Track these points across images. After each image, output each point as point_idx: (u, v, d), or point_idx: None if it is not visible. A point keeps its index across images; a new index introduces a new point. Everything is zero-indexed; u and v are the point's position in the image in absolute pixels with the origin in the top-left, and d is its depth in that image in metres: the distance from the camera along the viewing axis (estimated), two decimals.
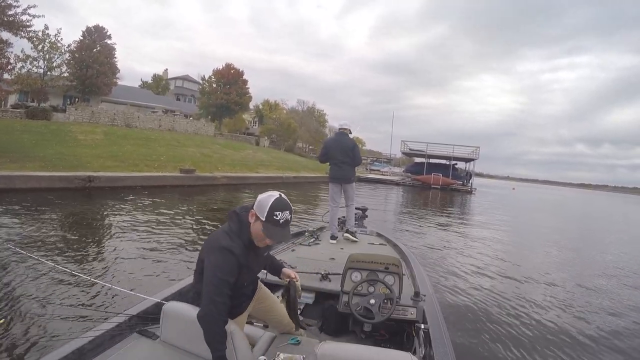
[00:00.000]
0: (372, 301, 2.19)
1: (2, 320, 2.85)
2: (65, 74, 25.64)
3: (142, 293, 2.20)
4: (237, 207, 1.70)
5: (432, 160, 34.18)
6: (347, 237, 4.43)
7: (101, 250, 5.14)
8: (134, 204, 8.97)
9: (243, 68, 35.58)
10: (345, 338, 2.45)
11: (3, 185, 8.51)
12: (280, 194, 1.62)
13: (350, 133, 4.96)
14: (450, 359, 1.80)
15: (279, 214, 1.56)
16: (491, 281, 5.46)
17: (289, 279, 1.96)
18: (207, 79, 35.85)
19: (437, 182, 30.11)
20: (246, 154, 24.15)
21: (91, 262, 4.60)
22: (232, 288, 1.55)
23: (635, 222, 21.75)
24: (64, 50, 24.89)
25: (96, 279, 3.71)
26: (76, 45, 25.71)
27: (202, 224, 7.78)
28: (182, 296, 2.07)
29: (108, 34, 27.39)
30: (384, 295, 2.24)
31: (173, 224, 7.24)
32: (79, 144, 15.09)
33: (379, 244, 4.28)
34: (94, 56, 25.79)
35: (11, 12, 14.03)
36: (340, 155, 4.70)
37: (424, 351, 1.97)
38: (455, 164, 33.74)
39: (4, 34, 14.01)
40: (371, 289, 2.35)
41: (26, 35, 15.03)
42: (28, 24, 14.58)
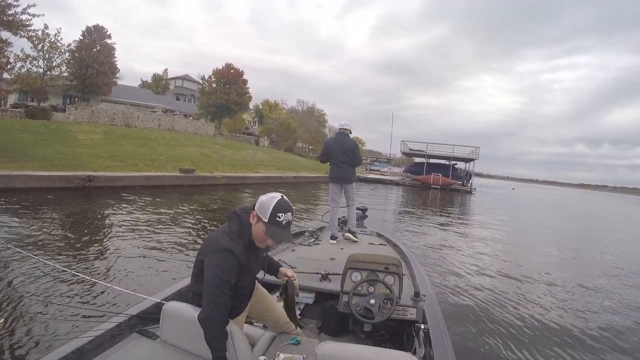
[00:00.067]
0: (372, 301, 2.19)
1: (2, 320, 2.85)
2: (65, 74, 25.66)
3: (142, 293, 2.20)
4: (237, 208, 1.71)
5: (432, 160, 34.20)
6: (349, 237, 4.43)
7: (101, 250, 5.14)
8: (134, 204, 8.96)
9: (243, 68, 35.61)
10: (345, 338, 2.45)
11: (3, 185, 8.51)
12: (282, 196, 1.64)
13: (350, 133, 4.98)
14: (450, 359, 1.80)
15: (281, 216, 1.58)
16: (491, 281, 5.47)
17: (287, 278, 1.96)
18: (207, 78, 35.83)
19: (437, 182, 30.13)
20: (246, 154, 24.14)
21: (91, 262, 4.60)
22: (232, 289, 1.56)
23: (635, 222, 21.77)
24: (63, 50, 24.93)
25: (96, 279, 3.72)
26: (76, 44, 25.72)
27: (202, 224, 7.78)
28: (182, 296, 2.07)
29: (108, 33, 27.44)
30: (384, 296, 2.24)
31: (173, 224, 7.24)
32: (79, 144, 15.08)
33: (379, 244, 4.28)
34: (93, 56, 25.79)
35: (11, 11, 14.02)
36: (340, 156, 4.71)
37: (424, 351, 1.97)
38: (455, 164, 33.78)
39: (3, 34, 13.99)
40: (371, 289, 2.35)
41: (26, 34, 15.00)
42: (28, 23, 14.56)
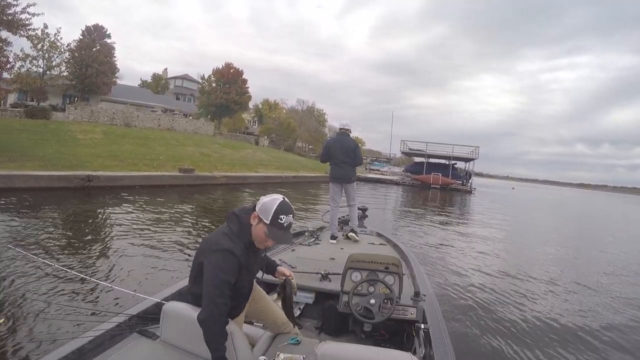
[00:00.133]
0: (372, 301, 2.19)
1: (2, 320, 2.85)
2: (65, 73, 25.65)
3: (142, 293, 2.20)
4: (236, 209, 1.71)
5: (432, 160, 34.19)
6: (352, 236, 4.44)
7: (101, 250, 5.13)
8: (133, 204, 8.96)
9: (243, 67, 35.61)
10: (345, 338, 2.45)
11: (2, 185, 8.49)
12: (283, 198, 1.65)
13: (350, 133, 4.99)
14: (450, 359, 1.80)
15: (283, 218, 1.59)
16: (491, 280, 5.47)
17: (285, 277, 1.96)
18: (206, 78, 35.79)
19: (437, 181, 30.11)
20: (245, 154, 24.13)
21: (91, 261, 4.60)
22: (232, 289, 1.56)
23: (635, 222, 21.79)
24: (63, 50, 24.93)
25: (96, 278, 3.71)
26: (76, 44, 25.71)
27: (202, 224, 7.78)
28: (182, 296, 2.06)
29: (107, 33, 27.43)
30: (384, 295, 2.24)
31: (172, 224, 7.23)
32: (78, 143, 15.07)
33: (379, 244, 4.28)
34: (93, 55, 25.77)
35: (10, 11, 13.99)
36: (341, 155, 4.72)
37: (424, 351, 1.97)
38: (455, 163, 33.76)
39: (3, 33, 13.96)
40: (371, 289, 2.35)
41: (25, 34, 14.97)
42: (27, 22, 14.54)
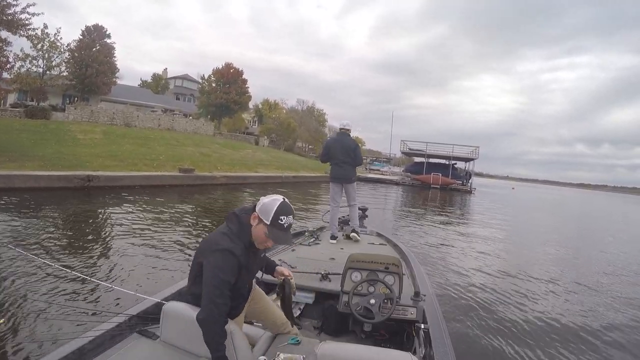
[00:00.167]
0: (372, 301, 2.19)
1: (2, 321, 2.84)
2: (65, 73, 25.63)
3: (142, 293, 2.20)
4: (236, 209, 1.71)
5: (432, 160, 34.20)
6: (354, 236, 4.43)
7: (101, 250, 5.13)
8: (133, 204, 8.96)
9: (243, 67, 35.61)
10: (345, 338, 2.44)
11: (2, 185, 8.49)
12: (284, 198, 1.65)
13: (350, 133, 4.99)
14: (450, 359, 1.80)
15: (283, 219, 1.59)
16: (491, 280, 5.47)
17: (284, 277, 1.96)
18: (206, 78, 35.79)
19: (437, 181, 30.12)
20: (245, 154, 24.13)
21: (91, 261, 4.60)
22: (231, 289, 1.55)
23: (635, 222, 21.79)
24: (63, 50, 24.91)
25: (96, 278, 3.71)
26: (75, 44, 25.70)
27: (202, 224, 7.78)
28: (182, 296, 2.06)
29: (107, 33, 27.43)
30: (384, 295, 2.24)
31: (172, 224, 7.23)
32: (78, 143, 15.07)
33: (379, 244, 4.28)
34: (93, 55, 25.76)
35: (10, 10, 13.99)
36: (341, 155, 4.73)
37: (424, 351, 1.97)
38: (455, 163, 33.77)
39: (3, 33, 13.97)
40: (371, 288, 2.35)
41: (25, 34, 14.97)
42: (27, 22, 14.54)
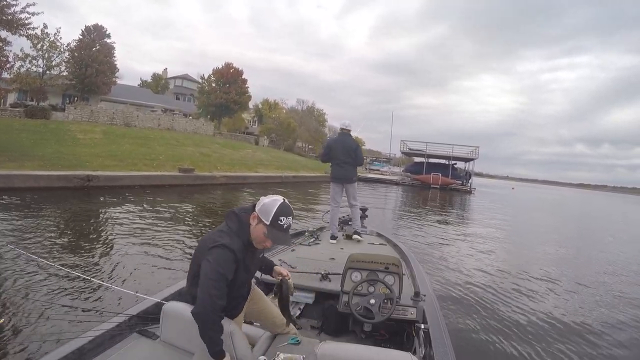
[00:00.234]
0: (372, 301, 2.19)
1: (2, 320, 2.84)
2: (65, 73, 25.62)
3: (142, 293, 2.19)
4: (236, 208, 1.71)
5: (432, 160, 34.21)
6: (356, 238, 4.42)
7: (100, 250, 5.13)
8: (133, 204, 8.96)
9: (243, 67, 35.56)
10: (345, 338, 2.44)
11: (2, 185, 8.49)
12: (284, 199, 1.65)
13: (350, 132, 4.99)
14: (450, 359, 1.80)
15: (283, 219, 1.59)
16: (491, 280, 5.47)
17: (281, 277, 1.96)
18: (206, 78, 35.77)
19: (437, 181, 30.13)
20: (245, 154, 24.13)
21: (91, 261, 4.60)
22: (230, 286, 1.55)
23: (634, 222, 21.80)
24: (63, 49, 24.91)
25: (96, 278, 3.71)
26: (75, 44, 25.69)
27: (202, 223, 7.78)
28: (182, 296, 2.06)
29: (107, 33, 27.42)
30: (384, 295, 2.24)
31: (172, 223, 7.23)
32: (78, 143, 15.06)
33: (379, 244, 4.28)
34: (93, 55, 25.75)
35: (10, 10, 13.98)
36: (342, 155, 4.72)
37: (424, 351, 1.97)
38: (455, 163, 33.79)
39: (2, 33, 13.96)
40: (371, 289, 2.35)
41: (25, 33, 14.96)
42: (27, 22, 14.54)
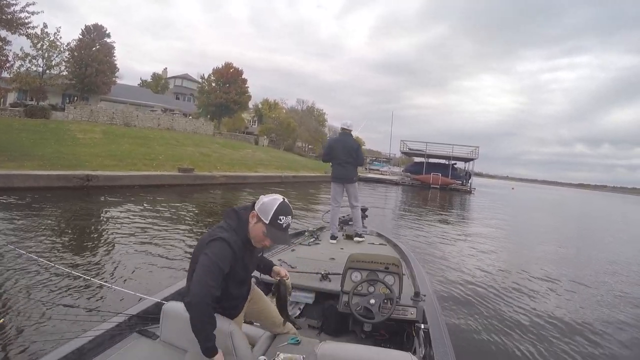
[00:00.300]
0: (372, 301, 2.19)
1: (2, 320, 2.84)
2: (64, 73, 25.62)
3: (142, 293, 2.19)
4: (235, 207, 1.71)
5: (432, 160, 34.21)
6: (358, 240, 4.39)
7: (100, 250, 5.13)
8: (133, 203, 8.95)
9: (243, 67, 35.56)
10: (345, 338, 2.44)
11: (1, 184, 8.49)
12: (284, 198, 1.64)
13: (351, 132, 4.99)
14: (450, 359, 1.80)
15: (283, 219, 1.58)
16: (491, 281, 5.47)
17: (279, 278, 1.95)
18: (206, 78, 35.77)
19: (437, 181, 30.14)
20: (245, 153, 24.13)
21: (90, 261, 4.59)
22: (227, 281, 1.54)
23: (634, 222, 21.81)
24: (63, 49, 24.89)
25: (96, 278, 3.71)
26: (75, 43, 25.67)
27: (201, 223, 7.78)
28: (182, 296, 2.06)
29: (107, 32, 27.41)
30: (384, 295, 2.24)
31: (172, 223, 7.23)
32: (78, 143, 15.06)
33: (379, 244, 4.28)
34: (93, 55, 25.73)
35: (9, 10, 13.98)
36: (343, 155, 4.72)
37: (424, 351, 1.97)
38: (455, 163, 33.80)
39: (2, 32, 13.96)
40: (371, 289, 2.35)
41: (24, 32, 14.96)
42: (27, 21, 14.54)
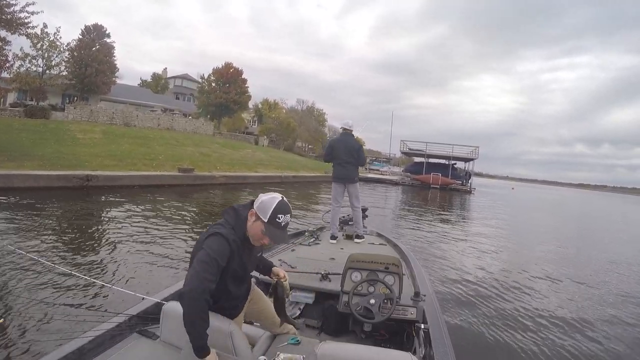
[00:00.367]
0: (372, 301, 2.19)
1: (2, 320, 2.84)
2: (64, 73, 25.60)
3: (142, 293, 2.19)
4: (234, 205, 1.70)
5: (432, 160, 34.20)
6: (358, 242, 4.38)
7: (100, 250, 5.13)
8: (133, 203, 8.95)
9: (242, 67, 35.54)
10: (345, 338, 2.44)
11: (1, 184, 8.49)
12: (282, 197, 1.64)
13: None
14: (450, 359, 1.80)
15: (281, 217, 1.58)
16: (491, 280, 5.47)
17: (277, 279, 1.95)
18: (206, 78, 35.76)
19: (437, 181, 30.13)
20: (245, 153, 24.13)
21: (90, 261, 4.59)
22: (224, 278, 1.53)
23: (634, 222, 21.82)
24: (63, 49, 24.87)
25: (96, 278, 3.71)
26: (75, 43, 25.66)
27: (201, 223, 7.77)
28: None
29: (107, 32, 27.40)
30: (384, 295, 2.24)
31: (172, 223, 7.23)
32: (78, 143, 15.06)
33: (379, 244, 4.28)
34: (93, 55, 25.72)
35: (9, 9, 13.97)
36: (344, 155, 4.72)
37: (424, 351, 1.97)
38: (455, 163, 33.80)
39: (2, 32, 13.96)
40: (371, 288, 2.34)
41: (24, 32, 14.96)
42: (26, 21, 14.54)
